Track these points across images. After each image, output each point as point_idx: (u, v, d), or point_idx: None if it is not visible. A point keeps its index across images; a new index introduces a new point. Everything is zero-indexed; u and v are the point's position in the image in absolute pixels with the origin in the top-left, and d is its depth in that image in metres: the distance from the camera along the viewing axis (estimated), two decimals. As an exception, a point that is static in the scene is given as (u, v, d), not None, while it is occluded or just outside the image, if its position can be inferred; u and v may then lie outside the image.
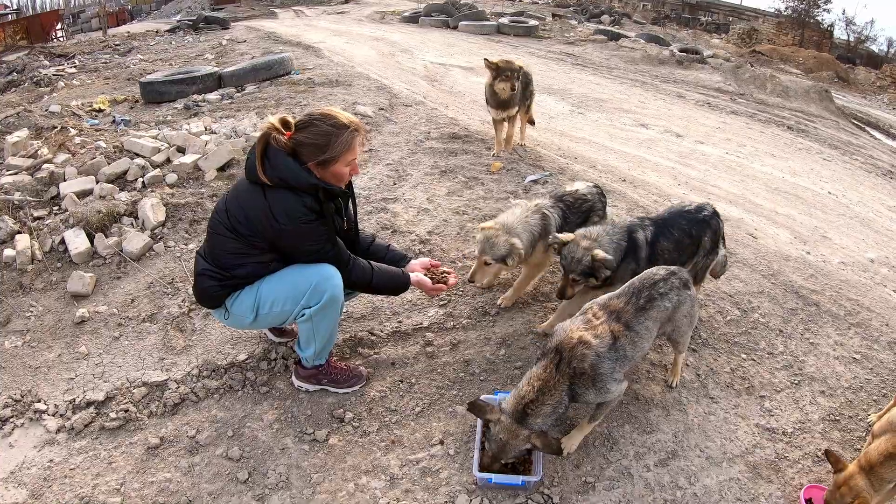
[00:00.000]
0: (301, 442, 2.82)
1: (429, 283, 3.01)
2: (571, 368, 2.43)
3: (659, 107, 9.61)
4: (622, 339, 2.52)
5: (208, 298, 2.77)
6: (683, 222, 3.35)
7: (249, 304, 2.72)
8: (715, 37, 22.94)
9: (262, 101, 7.42)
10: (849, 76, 18.18)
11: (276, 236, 2.59)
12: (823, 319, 3.93)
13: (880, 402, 3.32)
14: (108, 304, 3.83)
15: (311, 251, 2.66)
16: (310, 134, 2.54)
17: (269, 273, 2.73)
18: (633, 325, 2.57)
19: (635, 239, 3.21)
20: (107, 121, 7.09)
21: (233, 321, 2.84)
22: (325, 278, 2.67)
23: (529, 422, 2.43)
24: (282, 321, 2.83)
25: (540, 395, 2.42)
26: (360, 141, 2.64)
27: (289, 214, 2.52)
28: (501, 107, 5.46)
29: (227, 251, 2.67)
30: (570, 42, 15.43)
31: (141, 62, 11.26)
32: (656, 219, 3.38)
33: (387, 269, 2.91)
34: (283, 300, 2.69)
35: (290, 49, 10.84)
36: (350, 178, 2.76)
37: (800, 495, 2.68)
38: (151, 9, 27.98)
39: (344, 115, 2.60)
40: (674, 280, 2.74)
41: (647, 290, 2.66)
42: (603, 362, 2.45)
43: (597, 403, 2.61)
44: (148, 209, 4.53)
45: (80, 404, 3.06)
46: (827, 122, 10.18)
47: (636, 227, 3.25)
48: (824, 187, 6.54)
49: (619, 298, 2.66)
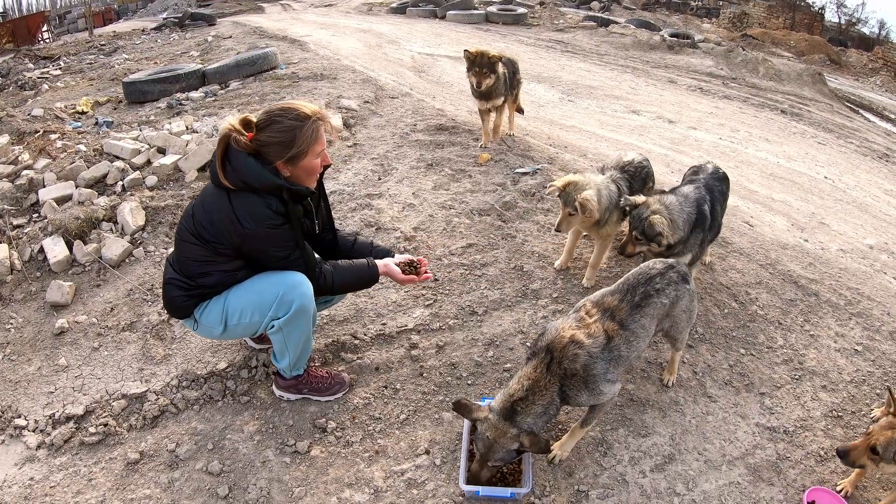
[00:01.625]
0: (282, 454, 2.71)
1: (399, 272, 2.83)
2: (562, 369, 2.31)
3: (650, 93, 9.51)
4: (616, 339, 2.40)
5: (175, 308, 2.65)
6: (717, 184, 3.50)
7: (217, 314, 2.60)
8: (705, 21, 22.79)
9: (245, 98, 7.26)
10: (840, 59, 18.09)
11: (240, 241, 2.45)
12: (823, 310, 3.83)
13: (883, 395, 3.21)
14: (87, 313, 3.72)
15: (278, 257, 2.53)
16: (273, 132, 2.39)
17: (236, 282, 2.60)
18: (628, 323, 2.44)
19: (703, 211, 3.28)
20: (90, 123, 6.94)
21: (202, 332, 2.71)
22: (291, 287, 2.52)
23: (518, 420, 2.30)
24: (253, 332, 2.71)
25: (530, 394, 2.30)
26: (327, 128, 2.50)
27: (253, 218, 2.39)
28: (484, 98, 5.31)
29: (192, 258, 2.54)
30: (559, 29, 15.29)
31: (126, 62, 11.10)
32: (706, 188, 3.44)
33: (349, 266, 2.74)
34: (250, 311, 2.56)
35: (276, 43, 10.66)
36: (322, 170, 2.62)
37: (802, 498, 2.58)
38: (138, 7, 27.71)
39: (305, 105, 2.45)
40: (671, 274, 2.61)
41: (642, 287, 2.53)
42: (596, 363, 2.33)
43: (589, 406, 2.49)
44: (127, 214, 4.40)
45: (59, 419, 2.98)
46: (821, 105, 10.08)
47: (703, 200, 3.33)
48: (820, 172, 6.44)
49: (614, 295, 2.53)
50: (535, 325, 3.44)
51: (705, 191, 3.39)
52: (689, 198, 3.29)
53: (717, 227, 3.49)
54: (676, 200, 3.23)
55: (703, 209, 3.28)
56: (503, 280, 3.80)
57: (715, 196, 3.42)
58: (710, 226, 3.35)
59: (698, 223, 3.25)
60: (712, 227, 3.40)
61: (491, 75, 5.03)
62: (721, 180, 3.58)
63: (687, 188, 3.41)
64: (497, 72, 5.06)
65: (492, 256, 4.04)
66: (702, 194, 3.35)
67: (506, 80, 5.32)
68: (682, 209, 3.20)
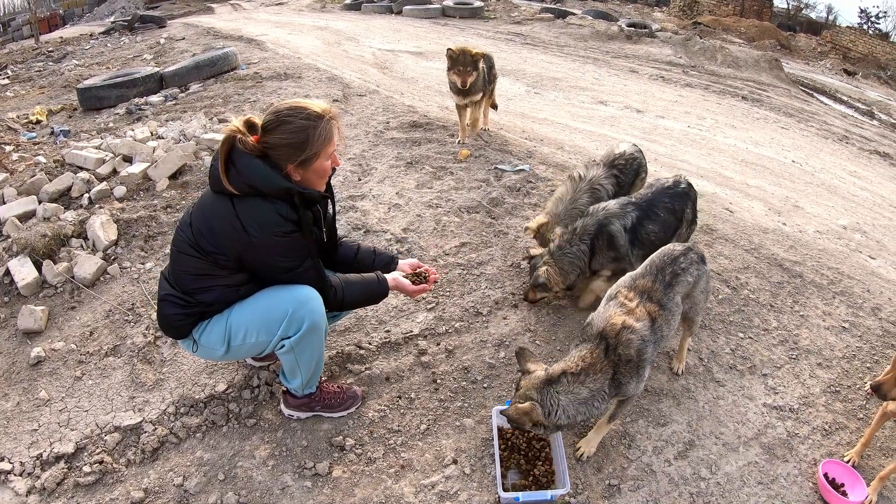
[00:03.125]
0: (302, 478, 2.56)
1: (409, 284, 2.70)
2: (618, 355, 2.30)
3: (614, 83, 9.61)
4: (659, 320, 2.44)
5: (172, 328, 2.43)
6: (666, 199, 3.38)
7: (219, 334, 2.39)
8: (657, 10, 23.26)
9: (208, 100, 6.99)
10: (790, 43, 18.77)
11: (244, 251, 2.24)
12: (809, 290, 3.94)
13: (874, 369, 3.35)
14: (64, 339, 3.45)
15: (287, 268, 2.33)
16: (284, 133, 2.21)
17: (239, 298, 2.40)
18: (665, 302, 2.50)
19: (609, 231, 3.25)
20: (45, 133, 6.54)
21: (203, 353, 2.49)
22: (301, 303, 2.33)
23: (557, 390, 2.22)
24: (259, 352, 2.52)
25: (583, 374, 2.25)
26: (338, 127, 2.34)
27: (261, 225, 2.19)
28: (464, 94, 5.26)
29: (190, 272, 2.33)
30: (517, 22, 15.33)
31: (77, 67, 10.55)
32: (640, 202, 3.36)
33: (359, 280, 2.59)
34: (256, 330, 2.37)
35: (233, 43, 10.32)
36: (331, 173, 2.46)
37: (817, 471, 2.66)
38: (84, 11, 26.44)
39: (315, 103, 2.28)
40: (692, 255, 2.70)
41: (670, 267, 2.59)
42: (647, 346, 2.36)
43: (622, 399, 2.48)
44: (97, 228, 4.14)
45: (48, 459, 2.70)
46: (779, 90, 10.41)
47: (611, 220, 3.28)
48: (787, 156, 6.63)
49: (645, 278, 2.56)
50: (542, 322, 3.42)
51: (632, 206, 3.32)
52: (587, 228, 3.27)
53: (649, 244, 3.27)
54: (565, 240, 3.31)
55: (608, 230, 3.24)
56: (503, 278, 3.76)
57: (650, 213, 3.31)
58: (633, 241, 3.27)
59: (608, 246, 3.25)
60: (636, 244, 3.28)
61: (474, 73, 5.02)
62: (678, 196, 3.41)
63: (612, 204, 3.36)
64: (479, 68, 5.05)
65: (487, 255, 3.99)
66: (609, 213, 3.29)
67: (484, 76, 5.29)
68: (571, 248, 3.28)
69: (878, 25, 33.96)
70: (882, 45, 23.08)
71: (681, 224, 3.45)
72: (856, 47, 21.24)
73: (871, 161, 7.72)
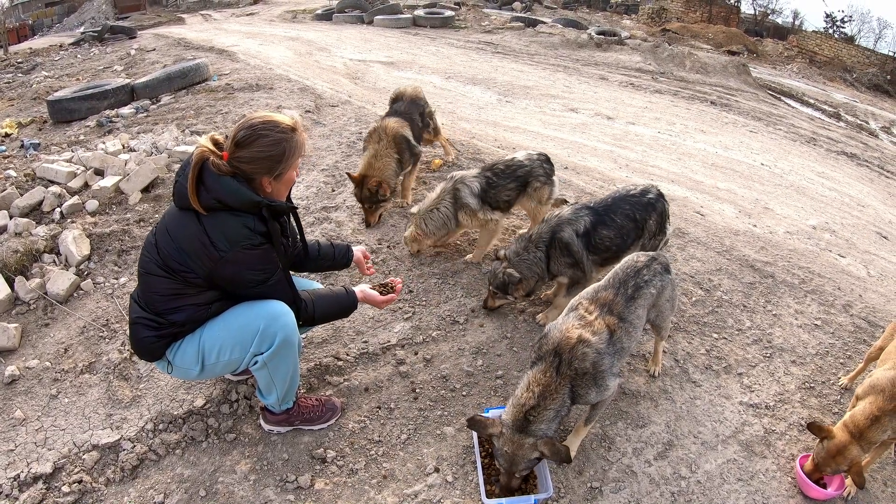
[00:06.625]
0: (285, 492, 2.54)
1: (377, 296, 2.75)
2: (573, 370, 2.33)
3: (585, 90, 9.75)
4: (618, 332, 2.45)
5: (146, 351, 2.40)
6: (627, 207, 3.38)
7: (193, 354, 2.37)
8: (626, 18, 23.67)
9: (180, 112, 6.92)
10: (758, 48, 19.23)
11: (214, 267, 2.22)
12: (781, 290, 4.03)
13: (847, 364, 3.44)
14: (39, 357, 3.38)
15: (257, 281, 2.30)
16: (261, 146, 2.20)
17: (210, 316, 2.38)
18: (626, 315, 2.51)
19: (561, 238, 3.27)
20: (15, 146, 6.39)
21: (178, 374, 2.47)
22: (273, 318, 2.32)
23: (533, 429, 2.30)
24: (234, 370, 2.49)
25: (541, 400, 2.30)
26: (304, 139, 2.36)
27: (230, 239, 2.17)
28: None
29: (159, 293, 2.30)
30: (487, 31, 15.48)
31: (46, 79, 10.36)
32: (597, 206, 3.38)
33: (328, 294, 2.62)
34: (230, 348, 2.34)
35: (204, 54, 10.23)
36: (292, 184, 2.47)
37: (795, 466, 2.72)
38: (53, 22, 25.89)
39: (283, 116, 2.29)
40: (656, 266, 2.72)
41: (632, 279, 2.61)
42: (604, 359, 2.37)
43: (593, 404, 2.52)
44: (70, 243, 4.06)
45: (26, 480, 2.64)
46: (747, 94, 10.67)
47: (563, 226, 3.30)
48: (756, 159, 6.80)
49: (607, 290, 2.58)
50: (518, 329, 3.45)
51: (586, 211, 3.33)
52: (542, 235, 3.31)
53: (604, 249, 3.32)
54: (520, 246, 3.35)
55: (559, 237, 3.26)
56: (478, 286, 3.78)
57: (606, 219, 3.31)
58: (588, 245, 3.28)
59: (562, 252, 3.26)
60: (591, 248, 3.30)
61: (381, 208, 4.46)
62: (642, 206, 3.38)
63: (565, 210, 3.39)
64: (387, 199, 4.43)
65: (462, 264, 4.02)
66: (562, 219, 3.31)
67: (416, 124, 4.85)
68: (528, 255, 3.31)
69: (844, 30, 35.17)
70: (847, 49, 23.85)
71: (642, 233, 3.40)
72: (822, 51, 21.90)
73: (839, 162, 7.96)
